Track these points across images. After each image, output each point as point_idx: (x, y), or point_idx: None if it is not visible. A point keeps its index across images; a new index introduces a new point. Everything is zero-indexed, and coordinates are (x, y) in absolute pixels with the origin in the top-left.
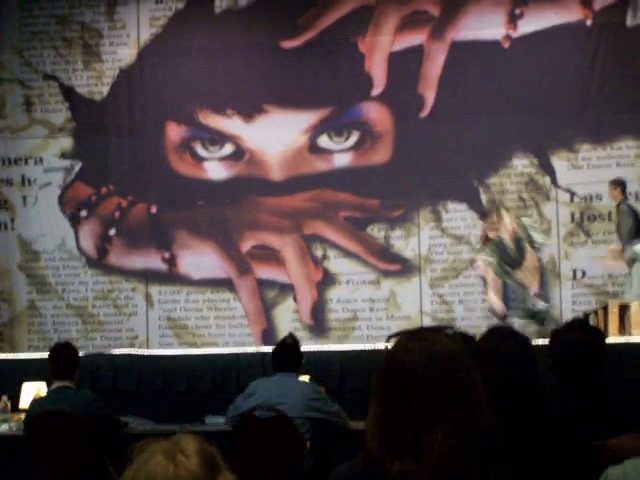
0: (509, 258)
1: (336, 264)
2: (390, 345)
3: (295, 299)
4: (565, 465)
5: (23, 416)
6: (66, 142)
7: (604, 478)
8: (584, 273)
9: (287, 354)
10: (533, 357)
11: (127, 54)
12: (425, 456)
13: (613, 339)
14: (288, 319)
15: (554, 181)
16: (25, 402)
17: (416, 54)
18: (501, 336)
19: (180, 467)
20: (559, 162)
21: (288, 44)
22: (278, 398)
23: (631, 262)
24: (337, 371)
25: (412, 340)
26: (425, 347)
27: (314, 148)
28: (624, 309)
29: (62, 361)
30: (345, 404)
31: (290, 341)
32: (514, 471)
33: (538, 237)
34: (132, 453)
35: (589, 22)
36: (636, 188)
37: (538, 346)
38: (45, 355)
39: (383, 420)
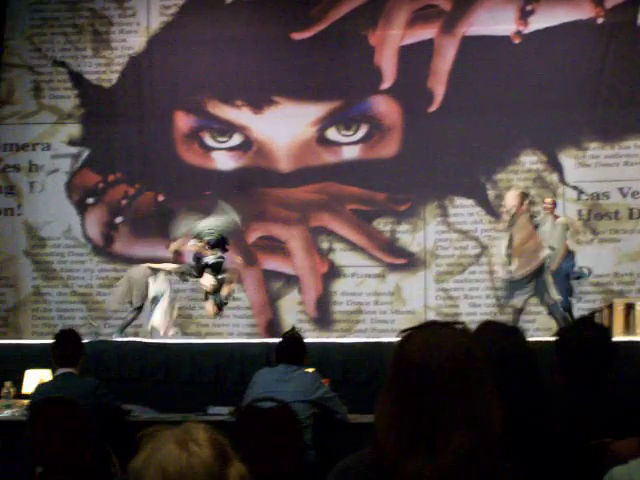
0: None
1: (342, 257)
2: (402, 339)
3: (300, 291)
4: (567, 463)
5: (26, 402)
6: (74, 129)
7: (608, 477)
8: (590, 271)
9: (291, 347)
10: (532, 352)
11: (137, 42)
12: (440, 456)
13: (618, 338)
14: (293, 311)
15: (562, 178)
16: (28, 388)
17: (426, 48)
18: (498, 331)
19: (193, 456)
20: (567, 159)
21: (298, 36)
22: (280, 386)
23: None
24: (340, 364)
25: (429, 336)
26: (445, 345)
27: (322, 140)
28: (629, 308)
29: (66, 348)
30: (348, 397)
31: (295, 335)
32: (517, 467)
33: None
34: (141, 440)
35: (600, 20)
36: None
37: (543, 343)
38: (49, 341)
39: (398, 418)
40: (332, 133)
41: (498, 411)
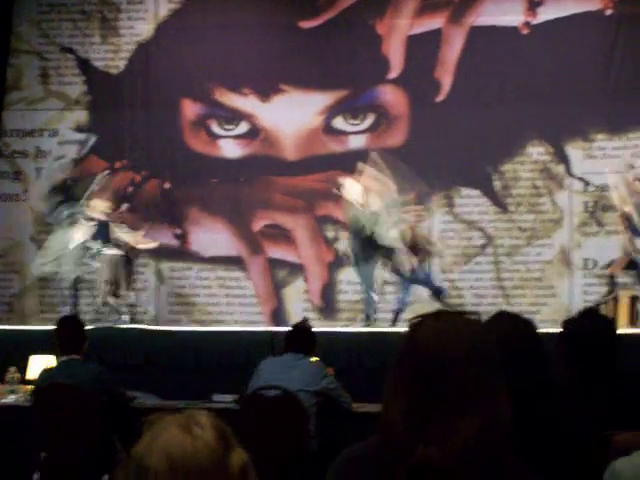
0: None
1: (347, 246)
2: (413, 327)
3: (305, 280)
4: (573, 453)
5: (31, 387)
6: (81, 115)
7: (611, 470)
8: (595, 263)
9: (300, 337)
10: (541, 342)
11: (145, 29)
12: (450, 443)
13: (623, 330)
14: (298, 299)
15: (568, 170)
16: (33, 374)
17: (434, 38)
18: (509, 320)
19: (198, 439)
20: (574, 151)
21: (306, 24)
22: (285, 374)
23: None
24: (345, 353)
25: (443, 324)
26: (457, 332)
27: (329, 129)
28: (634, 300)
29: (69, 335)
30: (352, 386)
31: (305, 325)
32: (523, 458)
33: None
34: (143, 426)
35: (609, 12)
36: None
37: (548, 334)
38: (54, 327)
39: (408, 405)
40: (339, 122)
41: (507, 401)
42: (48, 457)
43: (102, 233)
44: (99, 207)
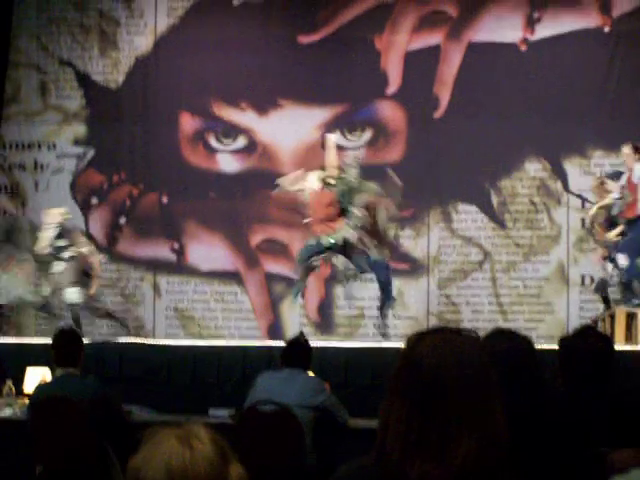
0: None
1: (344, 261)
2: (412, 343)
3: (302, 294)
4: (569, 470)
5: (27, 400)
6: (80, 129)
7: None
8: (593, 279)
9: (297, 352)
10: (538, 359)
11: (144, 43)
12: (448, 460)
13: (620, 347)
14: (295, 314)
15: (566, 186)
16: (29, 387)
17: (432, 54)
18: (506, 337)
19: (197, 452)
20: (571, 167)
21: (305, 39)
22: (283, 389)
23: None
24: (342, 368)
25: (442, 341)
26: (456, 350)
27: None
28: (631, 317)
29: (65, 348)
30: (348, 401)
31: (302, 340)
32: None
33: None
34: (141, 439)
35: (607, 29)
36: None
37: (545, 351)
38: (51, 340)
39: (405, 421)
40: (337, 137)
41: (503, 418)
42: (45, 471)
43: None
44: (55, 213)
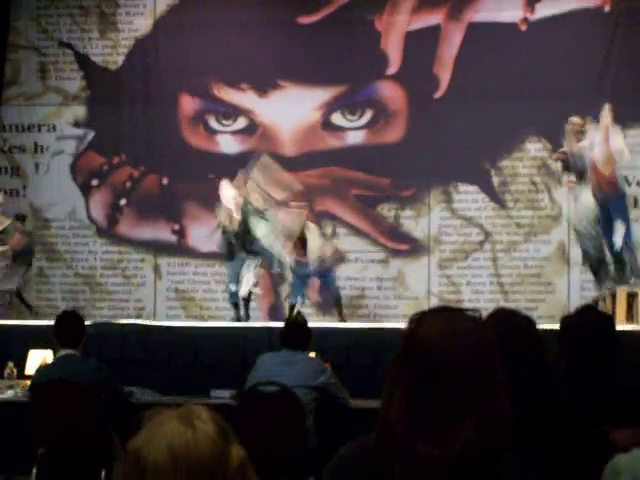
0: None
1: (345, 242)
2: (414, 323)
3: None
4: (572, 449)
5: (28, 382)
6: (80, 110)
7: (611, 466)
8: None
9: (296, 331)
10: (541, 339)
11: (143, 24)
12: (451, 441)
13: (620, 326)
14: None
15: (566, 166)
16: (31, 369)
17: (432, 34)
18: (509, 317)
19: (198, 432)
20: None
21: (305, 20)
22: (283, 370)
23: None
24: (343, 348)
25: (445, 322)
26: (460, 331)
27: (327, 125)
28: (632, 297)
29: (67, 329)
30: (349, 382)
31: (299, 319)
32: (523, 458)
33: None
34: (143, 419)
35: (607, 8)
36: None
37: (545, 331)
38: (52, 322)
39: (408, 402)
40: (337, 118)
41: (507, 400)
42: (46, 452)
43: None
44: None
